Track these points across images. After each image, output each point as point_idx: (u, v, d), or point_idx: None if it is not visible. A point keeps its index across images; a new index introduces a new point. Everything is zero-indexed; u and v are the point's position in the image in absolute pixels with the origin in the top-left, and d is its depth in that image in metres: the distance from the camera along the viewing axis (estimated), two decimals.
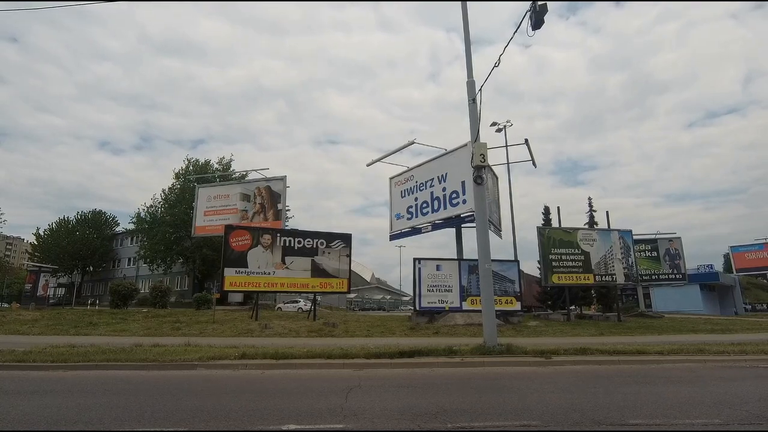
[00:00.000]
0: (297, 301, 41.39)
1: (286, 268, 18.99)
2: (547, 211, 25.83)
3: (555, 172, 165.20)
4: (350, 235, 20.47)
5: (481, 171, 10.46)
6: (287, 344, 11.79)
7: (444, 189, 19.34)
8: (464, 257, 20.54)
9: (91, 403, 5.50)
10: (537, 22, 6.44)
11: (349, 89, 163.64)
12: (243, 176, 39.50)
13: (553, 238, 21.29)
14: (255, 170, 24.36)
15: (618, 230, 22.47)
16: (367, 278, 78.34)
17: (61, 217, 53.23)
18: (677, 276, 28.85)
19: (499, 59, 8.57)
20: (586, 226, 25.69)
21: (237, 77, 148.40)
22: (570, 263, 21.07)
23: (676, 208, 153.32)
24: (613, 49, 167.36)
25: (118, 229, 55.78)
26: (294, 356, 8.95)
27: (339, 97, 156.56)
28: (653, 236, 28.61)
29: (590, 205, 26.38)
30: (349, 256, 20.30)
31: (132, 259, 53.17)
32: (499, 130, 27.09)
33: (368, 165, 22.63)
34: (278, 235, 19.29)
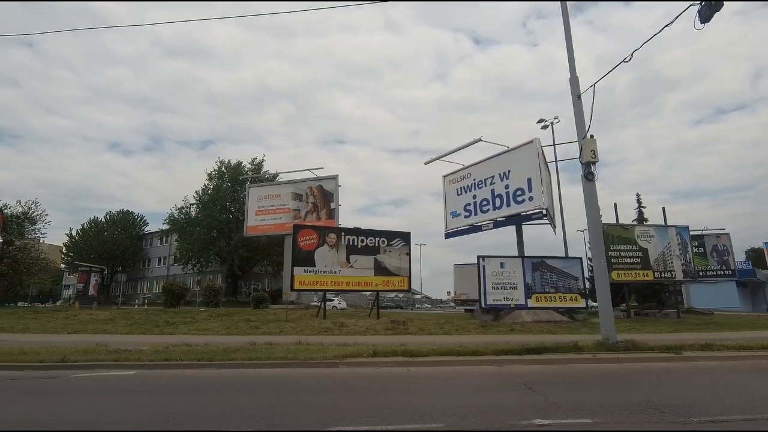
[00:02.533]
0: (331, 300, 41.70)
1: (351, 266, 19.12)
2: None
3: (562, 169, 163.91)
4: (409, 233, 20.58)
5: (591, 167, 10.48)
6: (380, 342, 11.90)
7: (507, 186, 19.36)
8: (523, 255, 20.52)
9: (282, 401, 5.65)
10: (708, 16, 6.46)
11: (354, 90, 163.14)
12: (273, 176, 39.97)
13: (611, 234, 21.21)
14: (308, 170, 24.56)
15: (675, 226, 22.36)
16: None
17: (92, 218, 53.96)
18: (726, 272, 28.64)
19: (631, 55, 8.59)
20: (635, 222, 25.58)
21: (244, 79, 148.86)
22: (629, 260, 21.02)
23: (683, 206, 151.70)
24: (619, 48, 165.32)
25: (146, 229, 56.35)
26: (423, 354, 9.05)
27: (344, 98, 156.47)
28: (700, 232, 28.42)
29: (639, 201, 26.30)
30: (408, 254, 20.37)
31: (162, 258, 53.72)
32: (545, 127, 27.04)
33: (426, 163, 22.75)
34: (342, 233, 19.43)
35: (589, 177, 10.48)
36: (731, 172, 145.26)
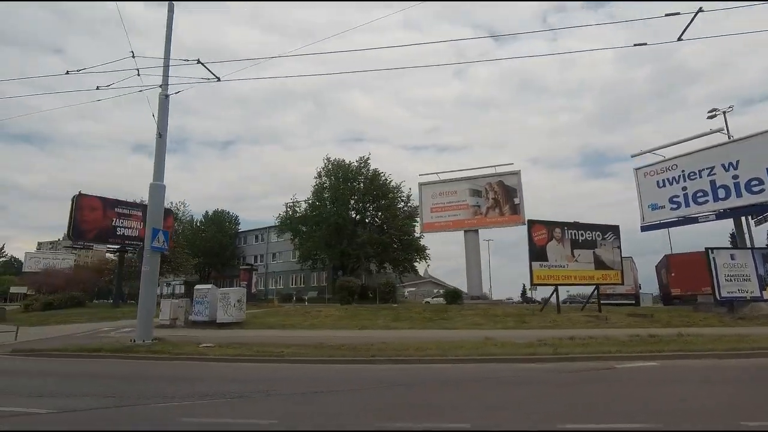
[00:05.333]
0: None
1: (575, 260, 19.22)
2: None
3: (580, 164, 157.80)
4: (618, 227, 20.55)
5: None
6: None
7: (735, 177, 19.04)
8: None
9: None
10: None
11: (374, 89, 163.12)
12: (375, 176, 40.88)
13: None
14: (491, 166, 24.63)
15: None
16: (421, 272, 77.79)
17: (188, 218, 55.50)
18: None
19: None
20: None
21: (265, 81, 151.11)
22: None
23: None
24: (640, 41, 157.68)
25: (240, 227, 57.79)
26: None
27: (363, 97, 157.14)
28: None
29: None
30: (619, 247, 20.32)
31: (260, 256, 55.01)
32: (712, 117, 26.40)
33: (634, 156, 22.63)
34: (565, 228, 19.51)
35: None
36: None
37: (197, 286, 17.02)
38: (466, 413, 4.64)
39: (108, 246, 25.20)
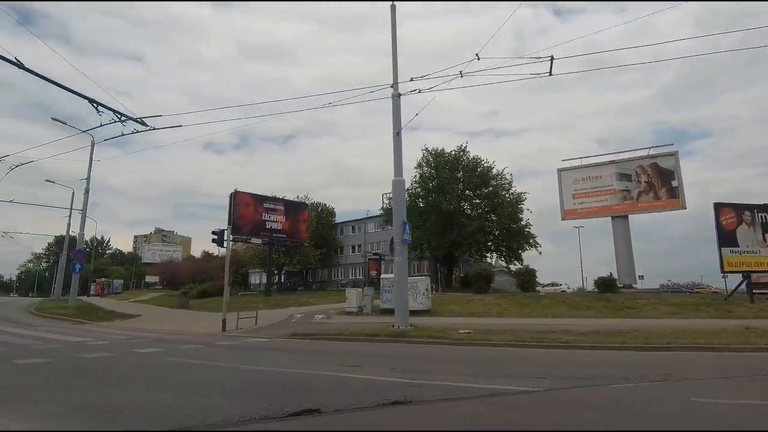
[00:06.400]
0: (559, 285, 41.05)
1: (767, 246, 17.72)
2: None
3: (655, 143, 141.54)
4: None
5: None
6: None
7: None
8: None
9: None
10: None
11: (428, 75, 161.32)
12: (478, 166, 40.17)
13: None
14: (645, 147, 23.42)
15: None
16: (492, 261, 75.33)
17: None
18: None
19: None
20: None
21: (320, 74, 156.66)
22: None
23: None
24: (723, 6, 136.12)
25: (336, 219, 59.91)
26: None
27: (417, 84, 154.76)
28: None
29: None
30: None
31: (357, 246, 56.96)
32: None
33: None
34: (755, 210, 18.04)
35: None
36: None
37: (383, 276, 17.94)
38: None
39: (260, 239, 27.33)
